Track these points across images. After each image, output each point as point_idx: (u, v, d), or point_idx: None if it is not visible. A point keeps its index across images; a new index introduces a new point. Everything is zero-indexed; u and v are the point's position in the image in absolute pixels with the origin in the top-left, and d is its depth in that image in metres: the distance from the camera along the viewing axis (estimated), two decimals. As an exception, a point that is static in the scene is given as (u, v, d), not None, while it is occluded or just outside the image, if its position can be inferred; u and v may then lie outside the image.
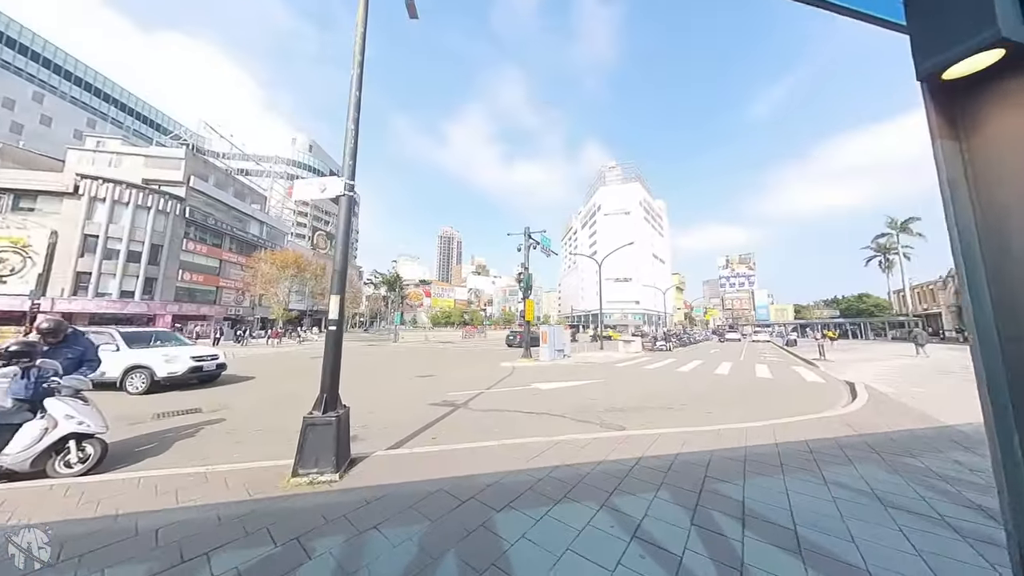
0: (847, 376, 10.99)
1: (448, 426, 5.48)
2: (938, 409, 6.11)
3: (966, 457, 3.82)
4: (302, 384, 9.23)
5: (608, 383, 9.82)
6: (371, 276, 69.84)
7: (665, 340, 24.57)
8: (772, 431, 4.74)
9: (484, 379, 10.36)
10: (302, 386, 8.82)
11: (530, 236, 15.70)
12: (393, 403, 7.27)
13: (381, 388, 9.04)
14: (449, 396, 7.83)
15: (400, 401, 7.47)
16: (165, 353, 8.41)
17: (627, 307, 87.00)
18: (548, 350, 14.67)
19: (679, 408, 6.82)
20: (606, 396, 7.95)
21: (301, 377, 10.82)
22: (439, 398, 7.57)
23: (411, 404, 7.09)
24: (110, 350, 7.91)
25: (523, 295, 15.14)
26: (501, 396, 7.95)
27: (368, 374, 11.55)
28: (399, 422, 5.71)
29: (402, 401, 7.46)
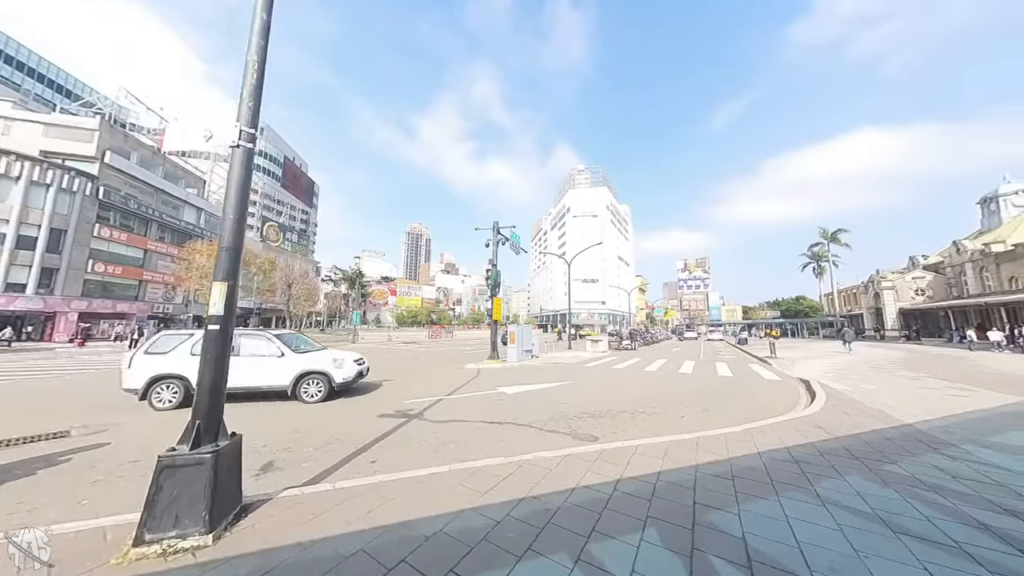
0: (799, 373, 11.51)
1: (395, 444, 4.61)
2: (891, 406, 6.28)
3: (941, 461, 3.69)
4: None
5: (577, 385, 9.38)
6: (330, 272, 65.42)
7: (630, 339, 25.05)
8: (751, 437, 4.43)
9: (446, 383, 9.49)
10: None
11: (499, 231, 14.99)
12: (335, 415, 6.21)
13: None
14: (404, 404, 6.89)
15: (344, 412, 6.42)
16: (334, 357, 7.55)
17: (593, 307, 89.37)
18: (516, 351, 14.07)
19: (651, 411, 6.46)
20: (576, 400, 7.45)
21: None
22: (392, 407, 6.62)
23: (357, 415, 6.08)
24: (273, 355, 7.18)
25: (491, 293, 14.42)
26: (463, 403, 7.15)
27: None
28: (336, 440, 4.73)
29: (347, 412, 6.42)
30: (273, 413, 6.27)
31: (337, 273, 65.29)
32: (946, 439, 4.44)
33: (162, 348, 6.92)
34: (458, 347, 26.18)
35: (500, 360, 13.97)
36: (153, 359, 6.77)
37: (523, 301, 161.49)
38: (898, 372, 11.40)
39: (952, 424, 5.14)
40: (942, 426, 5.05)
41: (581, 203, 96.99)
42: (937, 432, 4.73)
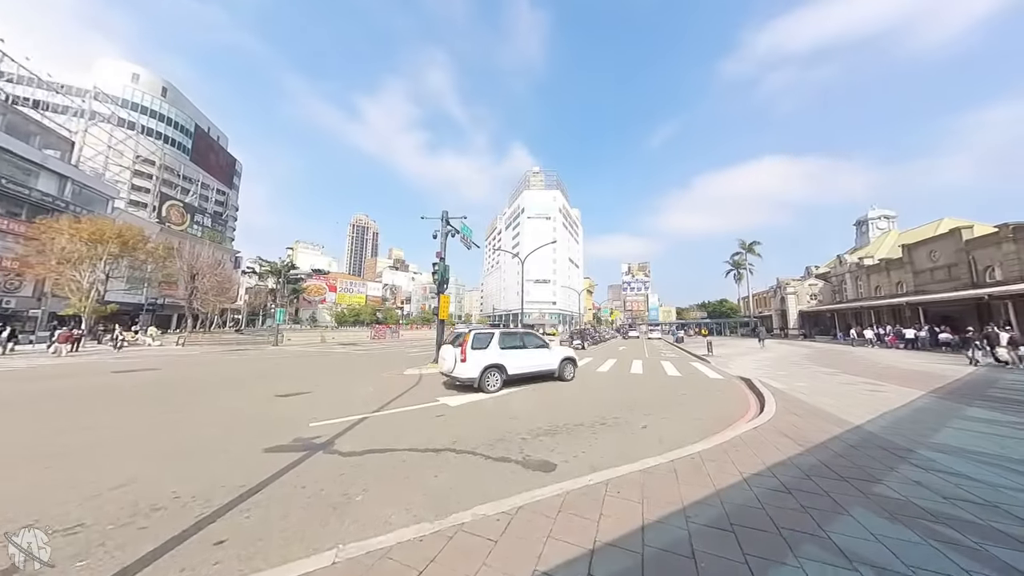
0: (736, 370, 12.10)
1: (274, 500, 3.15)
2: (830, 404, 6.41)
3: (915, 474, 3.42)
4: (36, 423, 5.37)
5: (529, 391, 8.50)
6: (253, 263, 57.04)
7: (581, 339, 25.26)
8: (727, 456, 3.87)
9: (377, 395, 7.93)
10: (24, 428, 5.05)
11: (448, 222, 13.59)
12: (204, 449, 4.44)
13: (201, 419, 5.84)
14: (313, 428, 5.31)
15: (220, 443, 4.66)
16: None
17: (545, 307, 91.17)
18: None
19: (612, 421, 5.78)
20: (529, 410, 6.52)
21: (44, 409, 6.56)
22: (294, 433, 5.01)
23: (232, 452, 4.38)
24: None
25: (437, 289, 12.97)
26: (393, 422, 5.77)
27: (192, 395, 7.83)
28: (173, 501, 3.11)
29: (224, 443, 4.66)
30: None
31: (263, 265, 57.11)
32: (899, 443, 4.35)
33: (482, 344, 8.54)
34: (403, 349, 23.99)
35: (446, 364, 12.61)
36: (481, 353, 8.33)
37: (476, 300, 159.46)
38: (812, 367, 12.57)
39: (891, 424, 5.21)
40: (884, 426, 5.08)
41: (535, 204, 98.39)
42: (887, 435, 4.68)
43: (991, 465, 3.68)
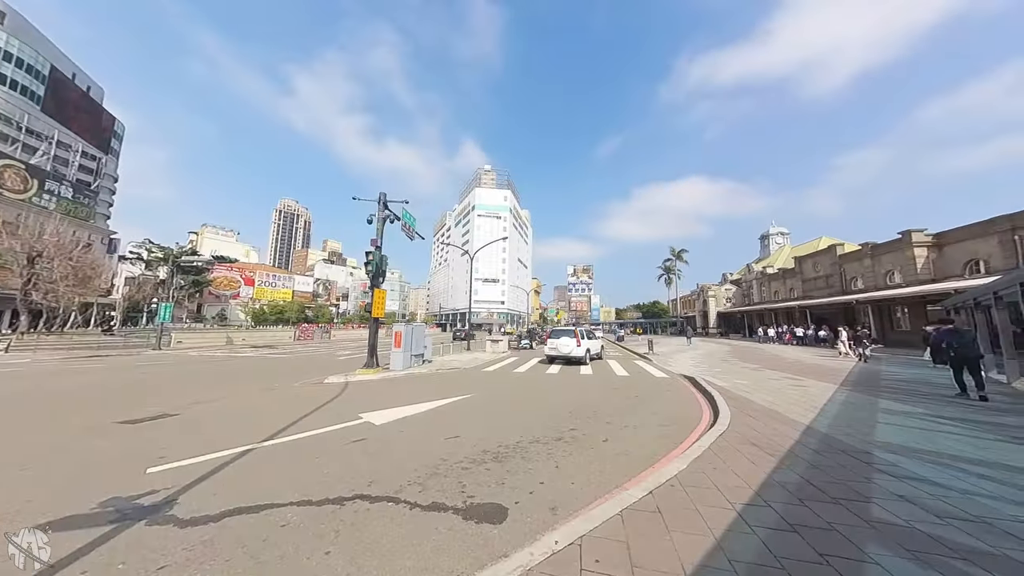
0: (677, 368, 12.53)
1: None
2: (774, 403, 6.53)
3: (894, 486, 3.18)
4: None
5: (476, 400, 7.45)
6: (138, 247, 46.39)
7: (530, 339, 24.91)
8: (708, 478, 3.29)
9: (279, 414, 6.16)
10: None
11: (386, 205, 11.83)
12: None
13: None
14: (152, 476, 3.59)
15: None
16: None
17: (494, 306, 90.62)
18: (402, 356, 11.24)
19: (570, 436, 5.01)
20: (474, 427, 5.48)
21: None
22: (116, 487, 3.28)
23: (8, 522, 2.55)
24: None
25: (371, 283, 11.17)
26: (288, 456, 4.25)
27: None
28: None
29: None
30: None
31: (152, 250, 46.70)
32: (853, 444, 4.28)
33: (585, 336, 14.79)
34: (332, 352, 21.06)
35: (379, 369, 10.89)
36: (585, 341, 14.30)
37: (422, 299, 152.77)
38: (738, 364, 13.63)
39: (833, 422, 5.30)
40: (829, 424, 5.13)
41: (486, 202, 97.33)
42: (837, 434, 4.65)
43: (941, 465, 3.66)
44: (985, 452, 4.08)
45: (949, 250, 22.46)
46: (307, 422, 5.67)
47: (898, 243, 24.52)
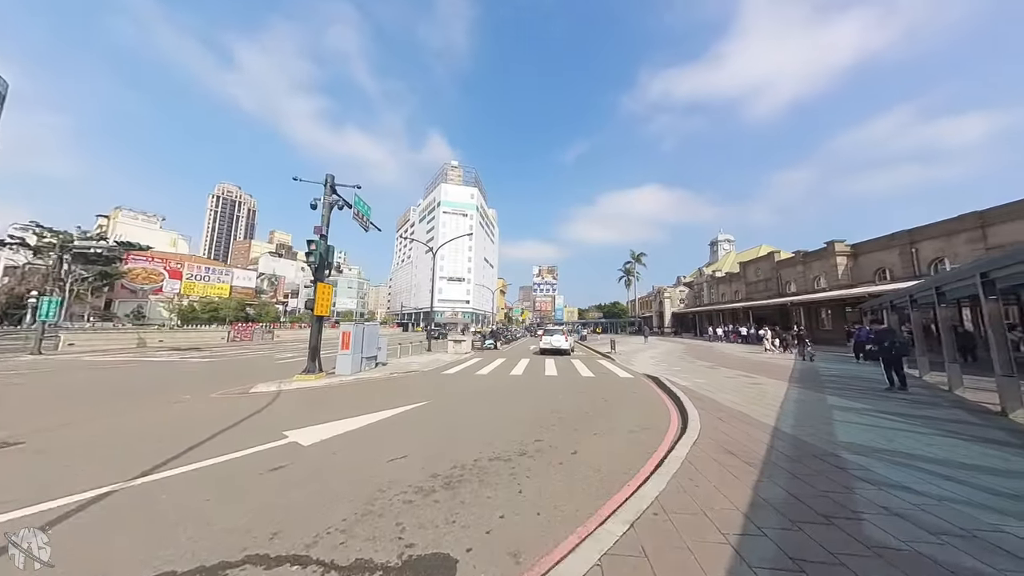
0: (639, 367, 12.62)
1: None
2: (737, 403, 6.52)
3: (878, 496, 2.99)
4: None
5: (430, 410, 6.64)
6: (20, 230, 38.42)
7: (494, 339, 24.29)
8: (694, 501, 2.88)
9: (174, 436, 4.88)
10: None
11: (335, 189, 10.48)
12: None
13: None
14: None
15: None
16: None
17: (459, 306, 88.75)
18: (350, 359, 10.01)
19: (534, 450, 4.45)
20: (425, 444, 4.70)
21: None
22: None
23: None
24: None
25: (313, 276, 9.79)
26: (160, 500, 3.18)
27: None
28: None
29: None
30: None
31: (41, 235, 38.90)
32: (821, 446, 4.19)
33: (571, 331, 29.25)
34: (272, 354, 18.77)
35: (322, 374, 9.58)
36: (570, 336, 20.53)
37: (383, 297, 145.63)
38: (695, 362, 14.13)
39: (796, 422, 5.30)
40: (793, 425, 5.09)
41: (453, 199, 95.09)
42: (804, 436, 4.58)
43: (903, 466, 3.62)
44: (933, 448, 4.17)
45: (863, 259, 25.57)
46: (211, 446, 4.51)
47: (824, 252, 27.48)
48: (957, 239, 19.64)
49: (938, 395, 7.50)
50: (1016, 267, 5.60)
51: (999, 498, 2.96)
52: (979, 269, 6.22)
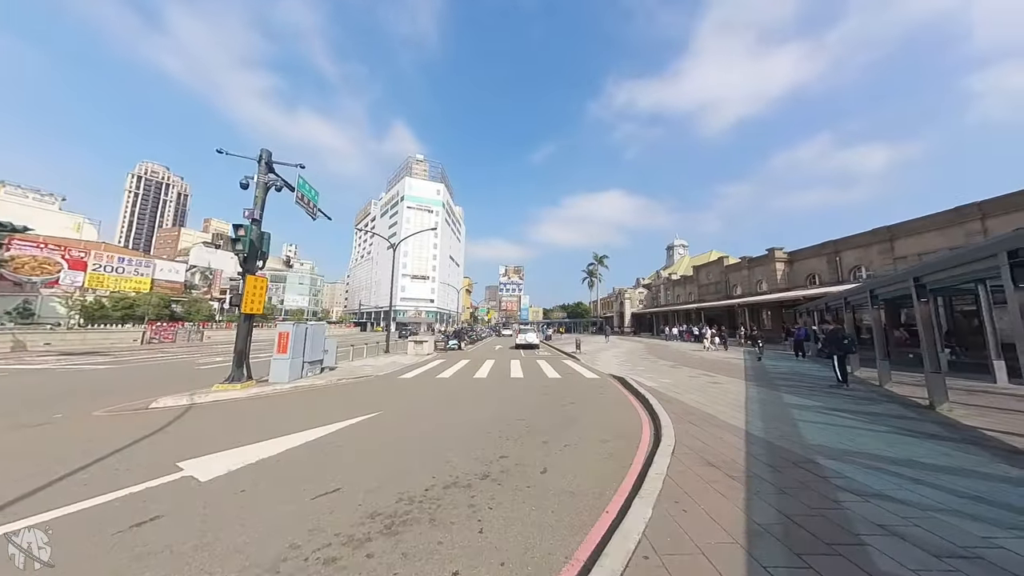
0: (604, 366, 12.58)
1: None
2: (703, 403, 6.44)
3: (870, 511, 2.78)
4: None
5: (379, 422, 5.77)
6: None
7: (458, 338, 23.33)
8: (680, 531, 2.45)
9: (9, 477, 3.57)
10: None
11: (272, 167, 9.01)
12: None
13: None
14: None
15: None
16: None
17: (422, 304, 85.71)
18: (287, 364, 8.67)
19: (499, 468, 3.84)
20: (367, 467, 3.90)
21: None
22: None
23: None
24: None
25: (241, 267, 8.28)
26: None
27: None
28: None
29: None
30: None
31: None
32: (796, 451, 4.06)
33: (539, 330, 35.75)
34: (196, 358, 16.26)
35: (251, 383, 8.16)
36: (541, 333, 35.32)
37: (340, 294, 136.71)
38: (657, 361, 14.45)
39: (765, 424, 5.25)
40: (763, 428, 5.01)
41: (418, 194, 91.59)
42: (777, 440, 4.46)
43: (874, 470, 3.56)
44: (893, 448, 4.22)
45: (797, 265, 28.34)
46: (65, 488, 3.33)
47: (765, 258, 30.07)
48: (871, 250, 22.35)
49: (873, 390, 8.09)
50: (944, 272, 6.06)
51: (966, 501, 2.90)
52: (912, 274, 6.71)
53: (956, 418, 5.63)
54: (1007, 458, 3.95)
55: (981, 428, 5.07)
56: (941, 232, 18.70)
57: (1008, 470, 3.59)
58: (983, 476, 3.44)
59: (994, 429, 5.00)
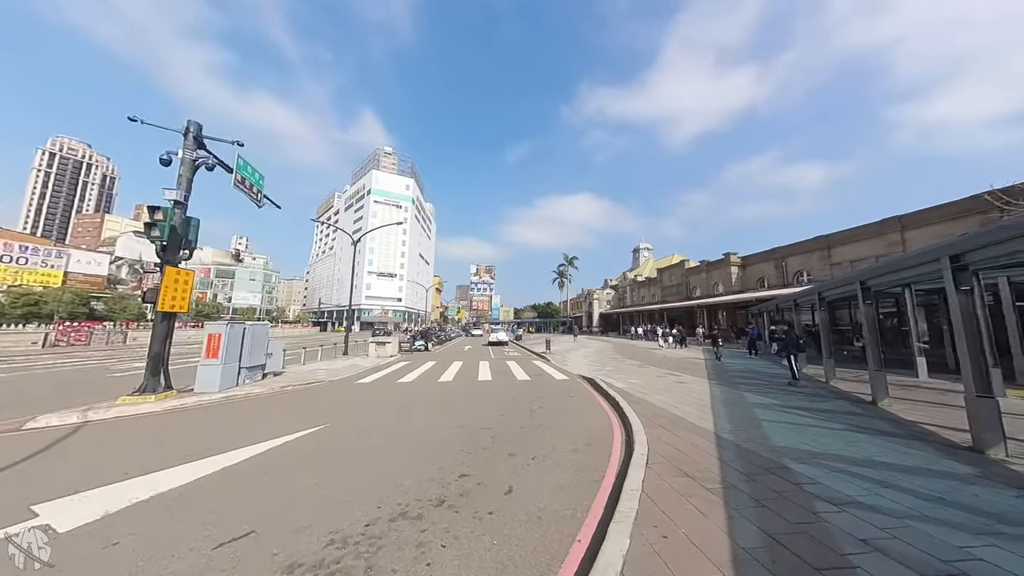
0: (573, 367, 12.45)
1: None
2: (671, 404, 6.37)
3: (847, 523, 2.64)
4: None
5: (326, 435, 5.04)
6: None
7: (424, 339, 22.34)
8: (663, 567, 2.11)
9: None
10: None
11: (201, 143, 7.70)
12: None
13: None
14: None
15: None
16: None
17: (389, 303, 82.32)
18: (218, 370, 7.50)
19: (457, 491, 3.36)
20: (297, 498, 3.23)
21: None
22: None
23: None
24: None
25: (159, 257, 6.97)
26: None
27: None
28: None
29: None
30: None
31: None
32: (766, 455, 3.97)
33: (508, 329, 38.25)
34: (111, 364, 14.01)
35: (169, 393, 6.93)
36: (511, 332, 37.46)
37: (298, 292, 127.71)
38: (625, 361, 14.63)
39: (732, 427, 5.21)
40: (730, 430, 4.96)
41: (386, 188, 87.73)
42: (747, 444, 4.38)
43: (841, 472, 3.53)
44: (852, 448, 4.29)
45: (749, 269, 30.45)
46: None
47: (722, 262, 32.02)
48: (812, 256, 24.47)
49: (821, 387, 8.58)
50: (889, 276, 6.46)
51: (931, 504, 2.89)
52: (859, 278, 7.12)
53: (896, 412, 5.98)
54: (949, 453, 4.13)
55: (919, 423, 5.39)
56: (868, 241, 20.85)
57: (955, 466, 3.72)
58: (936, 475, 3.51)
59: (931, 423, 5.33)
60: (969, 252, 4.35)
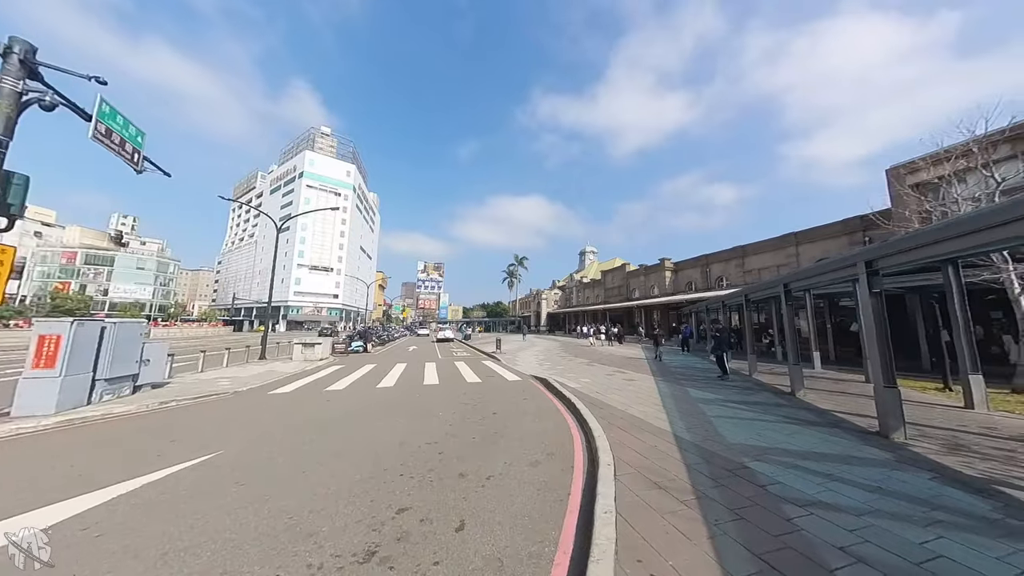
0: (524, 366, 12.16)
1: None
2: (627, 404, 6.30)
3: (824, 530, 2.52)
4: None
5: (213, 467, 3.82)
6: None
7: (363, 340, 20.28)
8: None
9: None
10: None
11: (34, 71, 5.52)
12: None
13: None
14: None
15: None
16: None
17: (324, 300, 74.51)
18: (56, 385, 5.48)
19: (393, 535, 2.61)
20: (151, 570, 2.18)
21: None
22: None
23: None
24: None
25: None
26: None
27: None
28: None
29: None
30: None
31: None
32: (727, 456, 3.93)
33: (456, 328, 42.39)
34: None
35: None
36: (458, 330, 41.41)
37: (207, 285, 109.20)
38: (574, 360, 14.80)
39: (687, 425, 5.22)
40: (687, 429, 4.95)
41: (322, 172, 79.22)
42: (705, 444, 4.34)
43: (792, 468, 3.60)
44: (793, 440, 4.51)
45: (680, 274, 33.67)
46: None
47: (658, 267, 34.92)
48: (730, 264, 27.86)
49: (747, 380, 9.43)
50: (809, 280, 7.20)
51: (876, 496, 2.99)
52: (783, 280, 7.89)
53: (812, 402, 6.67)
54: (865, 439, 4.56)
55: (832, 411, 6.02)
56: (772, 253, 24.35)
57: (876, 453, 4.06)
58: (867, 463, 3.76)
59: (841, 411, 5.99)
60: (881, 259, 4.86)
